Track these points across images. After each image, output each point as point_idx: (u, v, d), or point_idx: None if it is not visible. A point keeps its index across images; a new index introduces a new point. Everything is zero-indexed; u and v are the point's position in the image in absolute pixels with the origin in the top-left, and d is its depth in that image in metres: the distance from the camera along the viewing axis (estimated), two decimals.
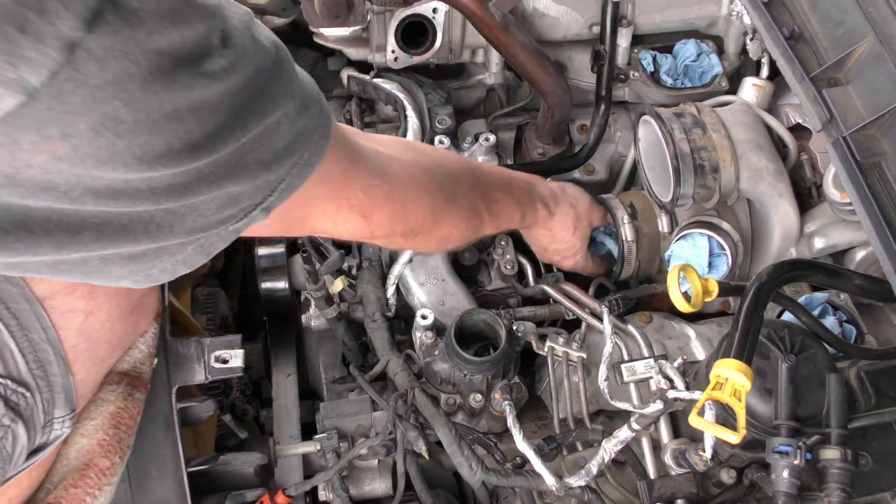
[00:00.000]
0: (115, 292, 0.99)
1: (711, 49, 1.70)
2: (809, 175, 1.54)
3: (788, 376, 1.04)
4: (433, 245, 1.22)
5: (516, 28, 1.51)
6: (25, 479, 0.99)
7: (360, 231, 0.99)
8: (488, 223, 1.24)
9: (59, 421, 0.96)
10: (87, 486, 1.01)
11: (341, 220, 0.94)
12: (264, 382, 1.81)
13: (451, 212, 1.13)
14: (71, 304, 0.94)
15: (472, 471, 1.21)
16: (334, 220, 0.94)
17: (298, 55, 2.04)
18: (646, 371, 1.20)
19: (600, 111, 1.65)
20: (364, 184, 0.94)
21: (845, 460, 0.99)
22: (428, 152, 1.19)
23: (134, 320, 1.06)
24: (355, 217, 0.95)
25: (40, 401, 0.92)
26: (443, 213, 1.11)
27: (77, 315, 0.95)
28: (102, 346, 1.00)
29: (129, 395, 1.09)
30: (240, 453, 1.34)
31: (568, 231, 1.45)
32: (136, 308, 1.06)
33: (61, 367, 0.94)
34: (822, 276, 1.19)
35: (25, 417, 0.90)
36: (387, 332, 1.43)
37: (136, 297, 1.05)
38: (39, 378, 0.92)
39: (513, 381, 1.38)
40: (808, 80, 1.06)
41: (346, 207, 0.93)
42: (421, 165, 1.08)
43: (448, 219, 1.14)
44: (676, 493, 1.17)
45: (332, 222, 0.94)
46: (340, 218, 0.94)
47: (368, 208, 0.96)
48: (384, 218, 1.00)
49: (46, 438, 0.96)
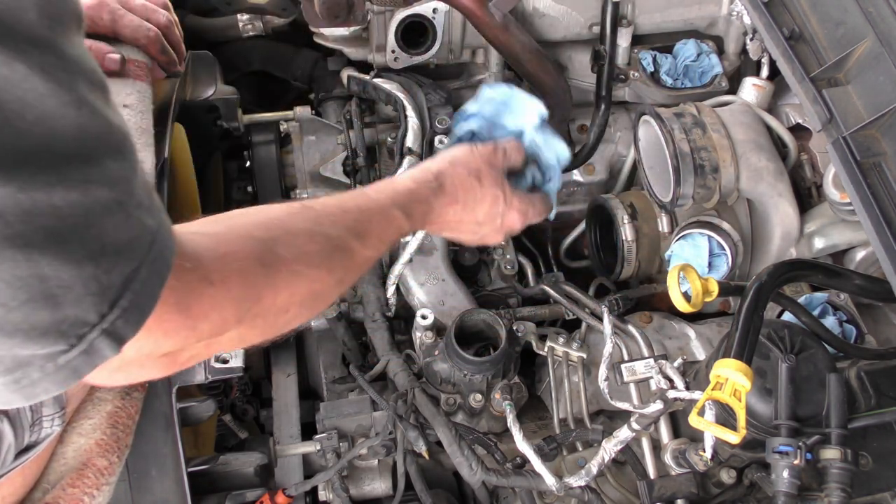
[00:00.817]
0: None
1: (711, 49, 1.70)
2: (809, 175, 1.54)
3: (788, 376, 1.04)
4: (284, 315, 0.84)
5: (516, 28, 1.51)
6: (19, 479, 0.99)
7: (178, 334, 0.69)
8: (360, 249, 0.92)
9: (49, 419, 0.95)
10: (85, 486, 1.01)
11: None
12: (264, 382, 1.81)
13: (295, 260, 0.82)
14: None
15: (472, 471, 1.21)
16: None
17: (298, 55, 2.04)
18: (646, 371, 1.20)
19: (600, 111, 1.65)
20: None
21: (845, 460, 0.99)
22: (242, 213, 0.85)
23: None
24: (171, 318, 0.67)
25: None
26: (281, 265, 0.81)
27: None
28: None
29: (127, 394, 1.09)
30: (240, 453, 1.33)
31: (475, 193, 1.12)
32: None
33: None
34: (822, 276, 1.19)
35: (11, 416, 0.90)
36: (387, 332, 1.43)
37: None
38: None
39: (513, 381, 1.38)
40: (808, 80, 1.06)
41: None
42: (235, 230, 0.79)
43: (292, 271, 0.82)
44: (676, 493, 1.17)
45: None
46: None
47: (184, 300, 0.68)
48: (206, 306, 0.70)
49: (37, 437, 0.95)
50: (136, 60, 1.41)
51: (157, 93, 1.43)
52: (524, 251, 1.77)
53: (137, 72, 1.39)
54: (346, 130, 1.74)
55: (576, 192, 1.83)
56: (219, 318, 0.71)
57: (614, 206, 1.60)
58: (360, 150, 1.71)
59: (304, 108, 1.80)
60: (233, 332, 0.76)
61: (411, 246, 1.50)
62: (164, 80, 1.56)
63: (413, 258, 1.51)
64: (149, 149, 1.34)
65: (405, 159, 1.58)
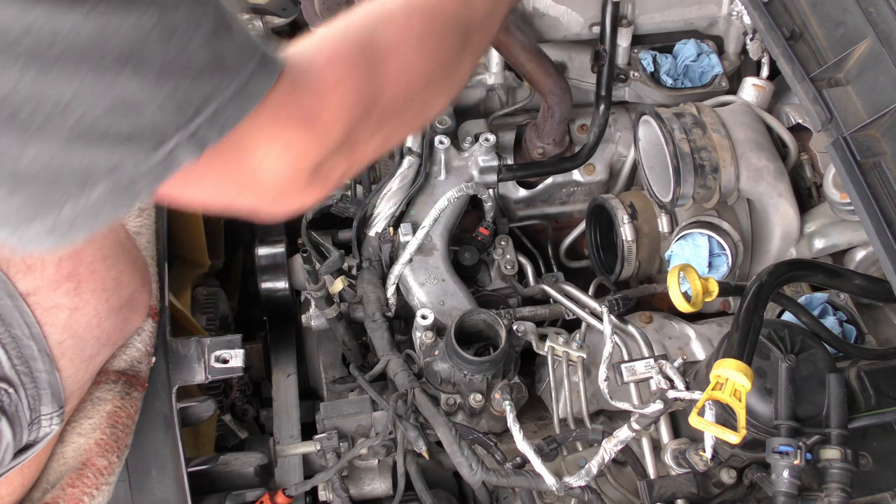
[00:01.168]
0: (103, 288, 0.98)
1: (711, 49, 1.70)
2: (809, 175, 1.54)
3: (788, 376, 1.04)
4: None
5: (516, 28, 1.51)
6: (17, 478, 0.99)
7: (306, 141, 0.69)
8: (464, 10, 0.87)
9: (47, 418, 0.95)
10: (84, 486, 1.01)
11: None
12: (264, 382, 1.81)
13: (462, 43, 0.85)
14: (55, 300, 0.93)
15: (472, 471, 1.21)
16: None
17: None
18: (646, 371, 1.20)
19: (600, 111, 1.65)
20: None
21: (845, 460, 0.99)
22: None
23: (124, 317, 1.05)
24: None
25: (25, 397, 0.91)
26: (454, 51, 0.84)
27: (62, 311, 0.94)
28: (90, 343, 0.99)
29: (127, 393, 1.09)
30: (240, 453, 1.34)
31: None
32: (126, 305, 1.05)
33: (46, 364, 0.93)
34: (822, 276, 1.19)
35: (9, 414, 0.90)
36: (387, 332, 1.43)
37: (126, 293, 1.04)
38: (24, 374, 0.91)
39: (513, 381, 1.38)
40: (808, 80, 1.06)
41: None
42: (333, 34, 0.77)
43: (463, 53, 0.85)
44: (676, 493, 1.17)
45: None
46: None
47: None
48: (327, 113, 0.70)
49: (35, 436, 0.95)
50: None
51: None
52: (524, 251, 1.77)
53: None
54: None
55: (576, 192, 1.83)
56: (344, 122, 0.70)
57: (614, 206, 1.60)
58: None
59: None
60: (367, 134, 0.75)
61: (411, 246, 1.51)
62: None
63: (413, 258, 1.51)
64: None
65: (405, 159, 1.58)
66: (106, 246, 1.01)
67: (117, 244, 1.04)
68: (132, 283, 1.05)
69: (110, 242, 1.02)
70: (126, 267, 1.04)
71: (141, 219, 1.25)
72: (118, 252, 1.03)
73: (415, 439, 1.28)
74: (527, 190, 1.81)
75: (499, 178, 1.65)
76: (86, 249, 0.97)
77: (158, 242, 1.26)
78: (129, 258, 1.06)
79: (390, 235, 1.52)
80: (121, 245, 1.05)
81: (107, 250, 1.01)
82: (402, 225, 1.53)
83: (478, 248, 1.60)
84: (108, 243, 1.01)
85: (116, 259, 1.02)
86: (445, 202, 1.56)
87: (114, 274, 1.01)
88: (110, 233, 1.02)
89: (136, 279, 1.06)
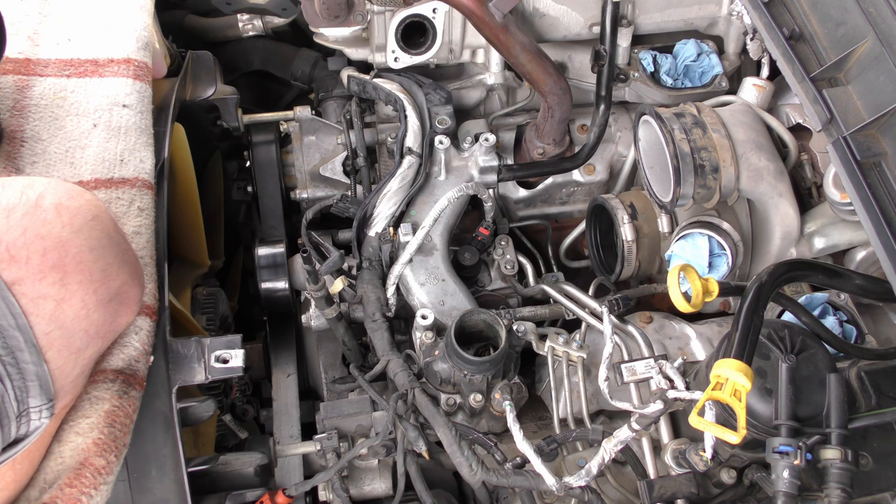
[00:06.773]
0: (90, 279, 0.97)
1: (711, 49, 1.70)
2: (809, 175, 1.54)
3: (788, 376, 1.04)
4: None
5: (516, 28, 1.51)
6: (10, 473, 0.98)
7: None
8: None
9: (36, 411, 0.94)
10: (82, 486, 1.00)
11: None
12: (264, 382, 1.81)
13: None
14: (41, 290, 0.92)
15: (472, 471, 1.21)
16: None
17: (298, 55, 2.04)
18: (646, 371, 1.20)
19: (600, 111, 1.65)
20: None
21: (845, 460, 0.98)
22: None
23: (113, 309, 1.03)
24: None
25: (11, 388, 0.90)
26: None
27: (48, 301, 0.93)
28: (79, 335, 0.98)
29: (125, 393, 1.08)
30: (240, 453, 1.33)
31: None
32: (115, 297, 1.03)
33: (34, 355, 0.92)
34: (822, 276, 1.19)
35: None
36: (387, 332, 1.43)
37: (115, 285, 1.02)
38: (10, 365, 0.90)
39: (513, 381, 1.38)
40: (808, 80, 1.06)
41: None
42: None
43: None
44: (676, 493, 1.16)
45: None
46: None
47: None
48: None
49: (26, 430, 0.94)
50: (136, 60, 1.41)
51: (157, 93, 1.43)
52: (524, 251, 1.78)
53: (137, 72, 1.39)
54: (346, 130, 1.74)
55: (576, 192, 1.83)
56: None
57: (614, 206, 1.60)
58: (360, 150, 1.71)
59: (304, 108, 1.81)
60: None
61: (411, 246, 1.51)
62: (164, 79, 1.56)
63: (413, 258, 1.51)
64: (148, 148, 1.34)
65: (405, 159, 1.58)
66: (93, 237, 0.99)
67: (105, 236, 1.01)
68: (121, 275, 1.03)
69: (97, 234, 1.00)
70: (114, 259, 1.02)
71: (140, 219, 1.25)
72: (106, 244, 1.01)
73: (415, 439, 1.28)
74: (527, 190, 1.81)
75: (499, 178, 1.65)
76: (72, 240, 0.96)
77: (158, 242, 1.25)
78: (117, 251, 1.03)
79: (390, 235, 1.52)
80: (108, 237, 1.02)
81: (94, 242, 0.98)
82: (402, 225, 1.53)
83: (478, 249, 1.60)
84: (96, 235, 0.99)
85: (104, 251, 1.00)
86: (445, 202, 1.56)
87: (101, 266, 0.99)
88: (97, 224, 1.00)
89: (124, 272, 1.04)
